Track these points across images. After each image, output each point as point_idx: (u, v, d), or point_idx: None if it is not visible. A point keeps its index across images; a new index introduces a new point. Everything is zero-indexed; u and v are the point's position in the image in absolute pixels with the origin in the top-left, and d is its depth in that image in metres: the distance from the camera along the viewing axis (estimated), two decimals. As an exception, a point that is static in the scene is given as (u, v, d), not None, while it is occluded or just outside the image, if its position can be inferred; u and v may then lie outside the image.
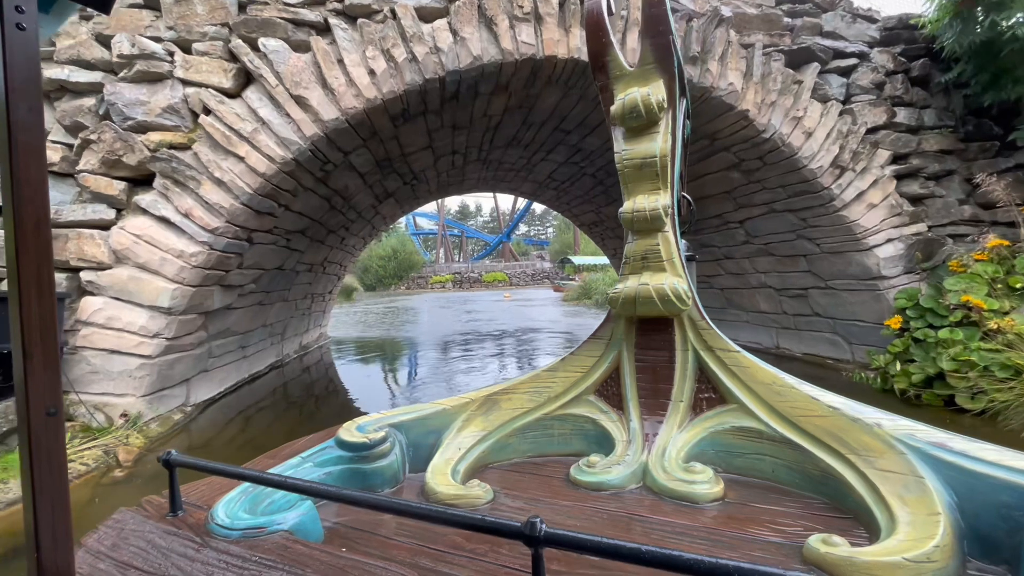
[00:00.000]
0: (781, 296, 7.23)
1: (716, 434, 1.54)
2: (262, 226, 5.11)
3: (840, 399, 1.41)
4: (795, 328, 7.20)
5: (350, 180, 6.35)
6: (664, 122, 1.64)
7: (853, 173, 5.46)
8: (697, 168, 6.79)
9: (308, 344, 10.06)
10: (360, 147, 5.45)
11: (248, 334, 6.56)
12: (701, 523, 1.28)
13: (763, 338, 7.94)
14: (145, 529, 1.19)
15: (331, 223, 7.41)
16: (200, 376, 5.36)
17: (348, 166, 5.81)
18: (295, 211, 5.68)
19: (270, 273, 6.30)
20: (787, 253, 6.68)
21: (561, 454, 1.74)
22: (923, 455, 1.16)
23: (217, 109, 4.35)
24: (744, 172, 6.22)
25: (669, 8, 1.60)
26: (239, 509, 1.23)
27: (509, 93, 5.62)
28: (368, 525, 1.31)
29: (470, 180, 10.46)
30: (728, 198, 6.94)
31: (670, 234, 1.65)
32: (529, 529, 0.77)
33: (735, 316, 8.55)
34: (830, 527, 1.16)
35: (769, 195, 6.23)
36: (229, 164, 4.40)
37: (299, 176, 4.97)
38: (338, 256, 9.60)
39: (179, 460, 1.24)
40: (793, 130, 5.34)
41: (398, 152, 6.47)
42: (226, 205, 4.38)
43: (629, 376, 1.71)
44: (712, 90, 5.11)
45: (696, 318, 1.65)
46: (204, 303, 4.83)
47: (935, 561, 0.95)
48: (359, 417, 1.68)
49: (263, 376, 7.46)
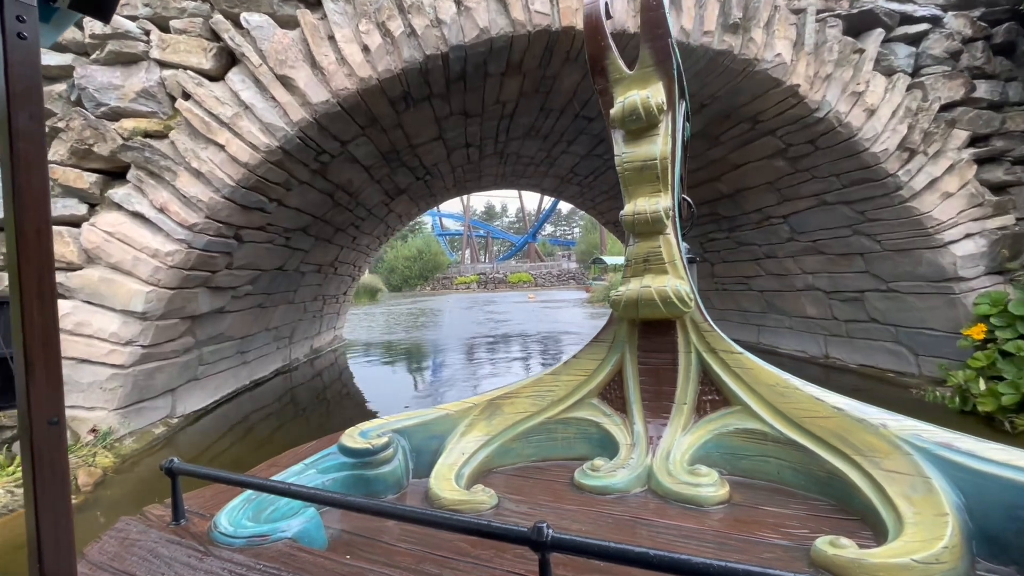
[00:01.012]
0: (831, 300, 6.43)
1: (720, 436, 1.53)
2: (251, 223, 4.68)
3: (844, 400, 1.38)
4: (848, 336, 6.39)
5: (353, 174, 5.89)
6: (664, 124, 1.61)
7: (924, 157, 4.67)
8: (735, 157, 6.07)
9: (320, 348, 9.71)
10: (359, 136, 4.97)
11: (247, 339, 6.17)
12: (707, 526, 1.25)
13: (809, 346, 7.13)
14: (148, 538, 1.19)
15: (337, 221, 6.99)
16: (189, 385, 4.97)
17: (349, 158, 5.34)
18: (291, 207, 5.24)
19: (269, 274, 5.90)
20: (840, 251, 5.89)
21: (565, 458, 1.71)
22: (929, 455, 1.14)
23: (196, 93, 3.92)
24: (791, 160, 5.48)
25: (667, 11, 1.56)
26: (242, 517, 1.21)
27: (523, 74, 5.05)
28: (372, 532, 1.29)
29: (488, 176, 9.93)
30: (771, 190, 6.20)
31: (671, 236, 1.63)
32: (536, 534, 0.76)
33: (777, 321, 7.75)
34: (837, 529, 1.13)
35: (820, 185, 5.47)
36: (209, 153, 3.97)
37: (290, 167, 4.52)
38: (350, 256, 9.21)
39: (181, 468, 1.22)
40: (852, 108, 4.59)
41: (405, 143, 5.98)
42: (205, 199, 3.95)
43: (632, 379, 1.69)
44: (755, 63, 4.42)
45: (699, 320, 1.62)
46: (188, 307, 4.42)
47: (944, 562, 0.94)
48: (362, 423, 1.66)
49: (267, 382, 7.10)
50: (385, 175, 6.80)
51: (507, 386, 1.85)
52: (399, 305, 24.87)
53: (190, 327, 4.64)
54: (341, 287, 10.00)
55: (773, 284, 7.48)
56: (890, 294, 5.53)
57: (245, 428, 5.45)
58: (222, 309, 5.13)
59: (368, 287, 31.66)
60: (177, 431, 4.74)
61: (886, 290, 5.56)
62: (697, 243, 8.89)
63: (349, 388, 7.93)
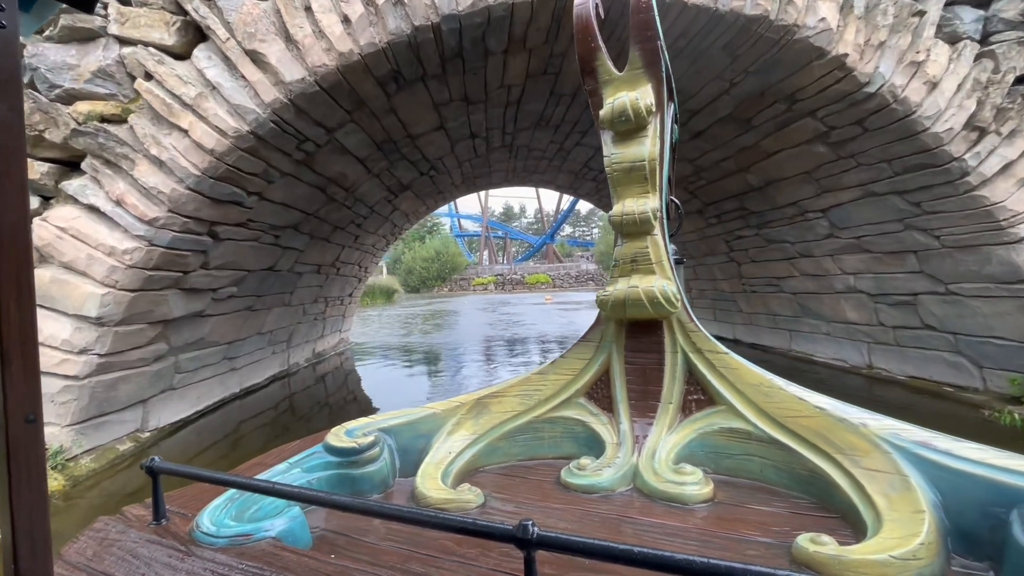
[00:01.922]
0: (877, 303, 5.73)
1: (705, 435, 1.53)
2: (228, 218, 4.26)
3: (826, 399, 1.39)
4: (896, 344, 5.68)
5: (346, 166, 5.44)
6: (652, 126, 1.60)
7: (997, 137, 3.99)
8: (768, 143, 5.44)
9: (324, 351, 9.33)
10: (346, 122, 4.51)
11: (236, 344, 5.78)
12: (692, 524, 1.26)
13: (850, 354, 6.43)
14: (127, 538, 1.16)
15: (334, 218, 6.56)
16: (164, 396, 4.57)
17: (337, 148, 4.89)
18: (276, 202, 4.81)
19: (257, 275, 5.49)
20: (889, 249, 5.21)
21: (552, 457, 1.71)
22: (908, 454, 1.16)
23: (157, 71, 3.50)
24: (833, 145, 4.83)
25: (656, 14, 1.55)
26: (225, 516, 1.18)
27: (528, 51, 4.52)
28: (357, 531, 1.27)
29: (498, 172, 9.43)
30: (808, 180, 5.54)
31: (659, 237, 1.63)
32: (522, 532, 0.76)
33: (812, 327, 7.06)
34: (818, 526, 1.14)
35: (868, 173, 4.81)
36: (172, 139, 3.54)
37: (268, 156, 4.08)
38: (354, 256, 8.81)
39: (163, 467, 1.19)
40: (910, 80, 3.94)
41: (402, 133, 5.51)
42: (166, 190, 3.53)
43: (619, 378, 1.69)
44: (794, 30, 3.81)
45: (685, 320, 1.63)
46: (156, 311, 4.01)
47: (921, 558, 0.96)
48: (348, 422, 1.64)
49: (262, 389, 6.71)
50: (384, 169, 6.34)
51: (494, 385, 1.85)
52: (414, 307, 24.56)
53: (162, 332, 4.24)
54: (346, 288, 9.61)
55: (808, 286, 6.80)
56: (949, 297, 4.83)
57: (232, 440, 5.04)
58: (201, 313, 4.72)
59: (384, 288, 31.52)
60: (149, 446, 4.34)
61: (944, 293, 4.86)
62: (722, 241, 8.24)
63: (355, 393, 7.52)
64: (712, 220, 8.04)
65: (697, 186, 7.44)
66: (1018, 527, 0.94)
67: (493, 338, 12.28)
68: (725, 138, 5.77)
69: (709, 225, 8.25)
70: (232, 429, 5.38)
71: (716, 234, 8.28)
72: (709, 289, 9.85)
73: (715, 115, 5.39)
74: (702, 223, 8.38)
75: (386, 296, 30.96)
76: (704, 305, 10.45)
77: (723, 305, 9.60)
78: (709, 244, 8.75)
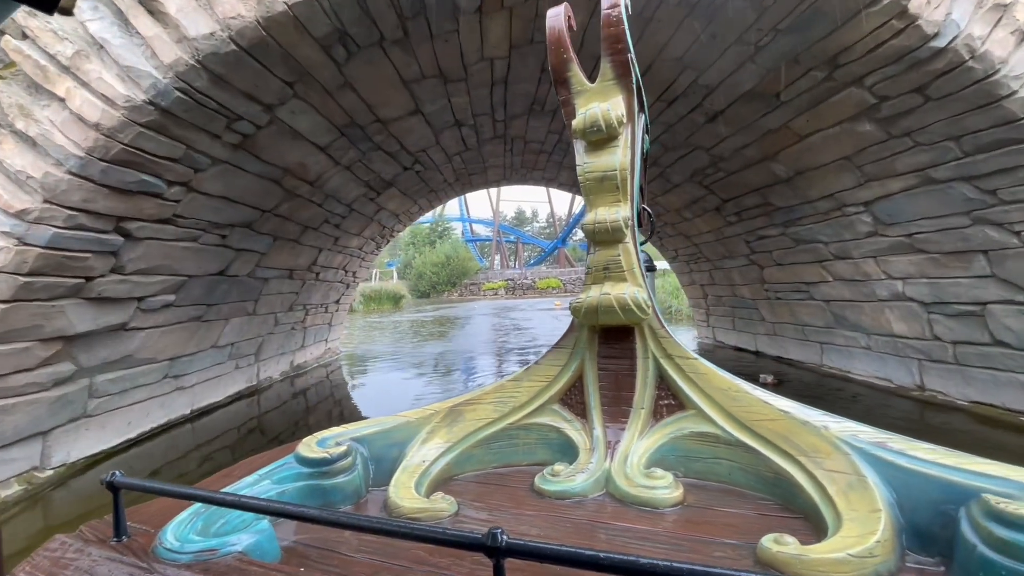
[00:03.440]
0: (932, 313, 4.81)
1: (676, 439, 1.55)
2: (143, 213, 3.53)
3: (790, 403, 1.40)
4: (956, 363, 4.75)
5: (305, 155, 4.70)
6: (623, 137, 1.62)
7: (1108, 102, 3.10)
8: (800, 124, 4.57)
9: (305, 363, 8.61)
10: (289, 97, 3.76)
11: (182, 360, 5.05)
12: (662, 528, 1.29)
13: (896, 372, 5.49)
14: (85, 557, 1.10)
15: (302, 217, 5.83)
16: (74, 425, 3.84)
17: (286, 131, 4.15)
18: (213, 195, 4.08)
19: (203, 281, 4.77)
20: (951, 248, 4.30)
21: (526, 464, 1.69)
22: (865, 455, 1.20)
23: (29, 26, 2.78)
24: (883, 121, 3.95)
25: (627, 27, 1.55)
26: (190, 531, 1.15)
27: (508, 10, 3.75)
28: (328, 543, 1.24)
29: (494, 168, 8.65)
30: (848, 168, 4.65)
31: (630, 245, 1.65)
32: (490, 540, 0.76)
33: (848, 340, 6.12)
34: (782, 527, 1.15)
35: (926, 155, 3.92)
36: (50, 112, 2.82)
37: (185, 137, 3.34)
38: (336, 260, 8.09)
39: (124, 482, 1.14)
40: (993, 29, 3.07)
41: (368, 116, 4.76)
42: (37, 175, 2.80)
43: (592, 384, 1.69)
44: (841, -32, 2.97)
45: (656, 327, 1.66)
46: (48, 325, 3.29)
47: (876, 556, 0.99)
48: (320, 431, 1.60)
49: (221, 408, 5.99)
50: (355, 160, 5.60)
51: (469, 393, 1.84)
52: (420, 313, 23.92)
53: (64, 351, 3.51)
54: (330, 295, 8.90)
55: (844, 292, 5.88)
56: (1031, 308, 3.91)
57: (175, 472, 4.32)
58: (124, 326, 4.00)
59: (391, 294, 30.99)
60: (51, 487, 3.61)
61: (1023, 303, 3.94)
62: (742, 242, 7.35)
63: (341, 407, 6.80)
64: (731, 218, 7.15)
65: (714, 180, 6.57)
66: (966, 523, 0.97)
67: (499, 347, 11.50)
68: (747, 120, 4.92)
69: (728, 224, 7.36)
70: (178, 457, 4.66)
71: (735, 234, 7.39)
72: (727, 296, 8.93)
73: (735, 91, 4.54)
74: (719, 222, 7.49)
75: (393, 302, 30.43)
76: (722, 313, 9.52)
77: (743, 313, 8.67)
78: (727, 246, 7.85)
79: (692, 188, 7.17)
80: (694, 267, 9.77)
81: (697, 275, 9.86)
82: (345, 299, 9.94)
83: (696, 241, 8.78)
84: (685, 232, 8.85)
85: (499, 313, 22.16)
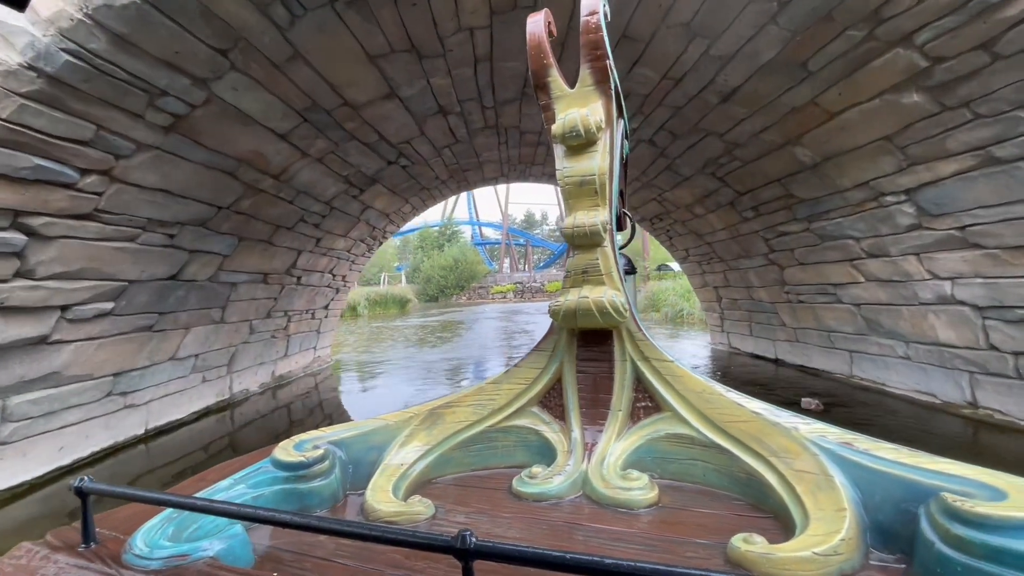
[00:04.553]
0: (988, 319, 4.11)
1: (652, 441, 1.58)
2: (49, 207, 2.98)
3: (762, 405, 1.43)
4: (1019, 377, 4.04)
5: (260, 143, 4.15)
6: (602, 142, 1.64)
7: None
8: (830, 98, 3.91)
9: (289, 373, 8.08)
10: (226, 70, 3.21)
11: (130, 375, 4.52)
12: (637, 529, 1.30)
13: (942, 387, 4.78)
14: (51, 564, 1.09)
15: (270, 215, 5.29)
16: (-18, 454, 3.32)
17: (232, 113, 3.60)
18: (147, 187, 3.54)
19: (149, 286, 4.23)
20: (1016, 242, 3.61)
21: (505, 466, 1.70)
22: (832, 455, 1.22)
23: None
24: (936, 89, 3.29)
25: (606, 34, 1.56)
26: (160, 537, 1.13)
27: (482, -37, 3.17)
28: (304, 547, 1.24)
29: (489, 163, 8.07)
30: (887, 149, 3.99)
31: (609, 249, 1.66)
32: (460, 542, 0.78)
33: (883, 348, 5.43)
34: (753, 526, 1.18)
35: (990, 130, 3.25)
36: (-94, 80, 2.29)
37: (93, 115, 2.80)
38: (320, 263, 7.56)
39: (93, 488, 1.12)
40: (1091, -41, 2.41)
41: (333, 98, 4.19)
42: None
43: (571, 387, 1.71)
44: None
45: (633, 329, 1.68)
46: (-69, 340, 2.76)
47: (841, 554, 1.01)
48: (297, 435, 1.57)
49: (184, 426, 5.45)
50: (327, 152, 5.04)
51: (448, 395, 1.82)
52: (426, 318, 23.41)
53: (-41, 370, 2.98)
54: (317, 300, 8.37)
55: (878, 294, 5.19)
56: (1122, 313, 3.22)
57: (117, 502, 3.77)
58: (45, 339, 3.46)
59: (396, 298, 30.57)
60: (-52, 529, 3.08)
61: (1112, 306, 3.25)
62: (760, 239, 6.67)
63: (331, 420, 6.22)
64: (747, 213, 6.48)
65: (729, 170, 5.91)
66: (925, 521, 0.99)
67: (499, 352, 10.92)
68: (767, 97, 4.27)
69: (744, 220, 6.68)
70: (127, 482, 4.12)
71: (752, 231, 6.71)
72: (743, 299, 8.24)
73: (754, 62, 3.90)
74: (734, 218, 6.82)
75: (399, 306, 30.01)
76: (738, 318, 8.82)
77: (761, 318, 7.98)
78: (743, 244, 7.17)
79: (704, 180, 6.52)
80: (707, 268, 9.09)
81: (710, 276, 9.17)
82: (335, 304, 9.41)
83: (709, 240, 8.11)
84: (697, 230, 8.18)
85: (506, 316, 21.72)
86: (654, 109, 5.24)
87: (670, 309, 15.64)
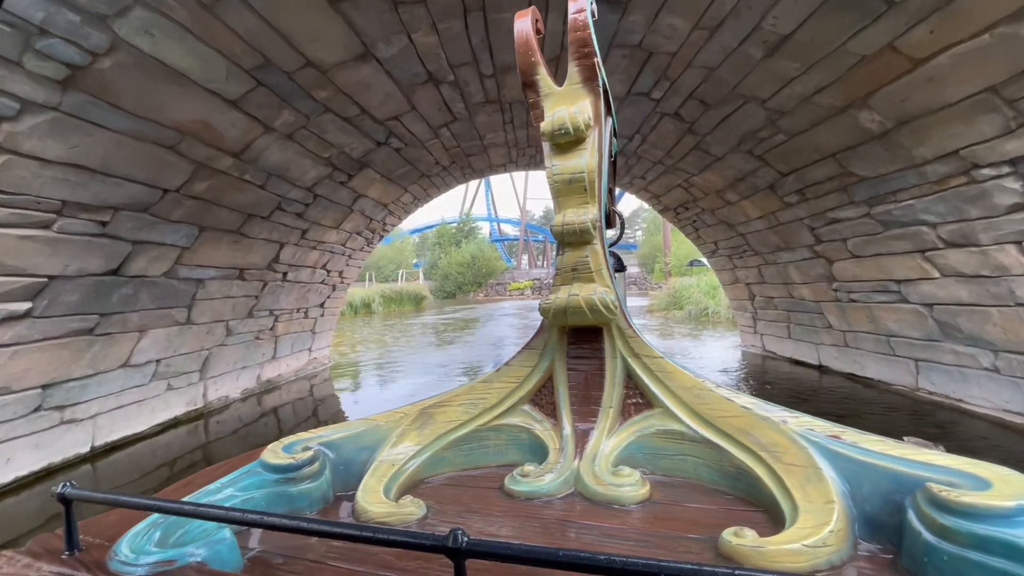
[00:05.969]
0: (1120, 325, 3.18)
1: (643, 437, 1.58)
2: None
3: (752, 399, 1.45)
4: None
5: (203, 110, 3.45)
6: (591, 140, 1.64)
7: None
8: (915, 40, 3.03)
9: (279, 377, 7.46)
10: (132, 4, 2.50)
11: (66, 386, 3.89)
12: (629, 525, 1.30)
13: (1046, 408, 3.85)
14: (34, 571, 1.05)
15: (235, 201, 4.62)
16: None
17: (152, 66, 2.90)
18: (51, 160, 2.87)
19: (79, 283, 3.58)
20: None
21: (497, 465, 1.70)
22: (821, 448, 1.23)
23: None
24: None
25: (593, 31, 1.56)
26: (147, 542, 1.11)
27: None
28: (295, 550, 1.23)
29: (495, 147, 7.28)
30: (989, 105, 3.09)
31: (598, 247, 1.67)
32: (451, 541, 0.77)
33: (960, 357, 4.49)
34: (744, 520, 1.20)
35: None
36: None
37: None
38: (309, 257, 6.90)
39: (76, 494, 1.09)
40: None
41: (293, 56, 3.47)
42: None
43: (562, 384, 1.72)
44: None
45: (624, 327, 1.68)
46: None
47: (830, 545, 1.02)
48: (286, 437, 1.56)
49: (144, 440, 4.83)
50: (299, 127, 4.34)
51: (439, 395, 1.82)
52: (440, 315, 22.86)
53: None
54: (309, 298, 7.73)
55: (959, 292, 4.26)
56: None
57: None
58: (-69, 347, 2.83)
59: (412, 295, 30.14)
60: None
61: None
62: (805, 228, 5.75)
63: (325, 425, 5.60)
64: (791, 198, 5.57)
65: (770, 146, 5.02)
66: (912, 511, 1.00)
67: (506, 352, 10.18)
68: (829, 44, 3.39)
69: (786, 206, 5.77)
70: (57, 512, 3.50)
71: (795, 219, 5.80)
72: (781, 296, 7.31)
73: (814, -5, 3.04)
74: (774, 203, 5.91)
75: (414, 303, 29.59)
76: (773, 318, 7.89)
77: (801, 318, 7.04)
78: (783, 234, 6.25)
79: (739, 160, 5.62)
80: (738, 263, 8.16)
81: (742, 272, 8.24)
82: (332, 302, 8.77)
83: (742, 230, 7.19)
84: (728, 219, 7.27)
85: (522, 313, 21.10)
86: (682, 72, 4.38)
87: (694, 307, 14.65)
